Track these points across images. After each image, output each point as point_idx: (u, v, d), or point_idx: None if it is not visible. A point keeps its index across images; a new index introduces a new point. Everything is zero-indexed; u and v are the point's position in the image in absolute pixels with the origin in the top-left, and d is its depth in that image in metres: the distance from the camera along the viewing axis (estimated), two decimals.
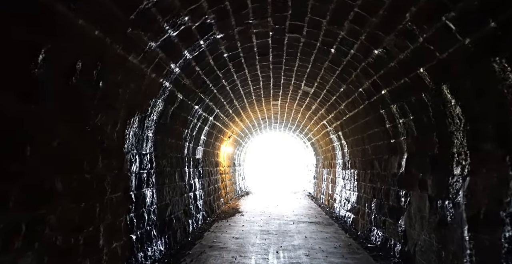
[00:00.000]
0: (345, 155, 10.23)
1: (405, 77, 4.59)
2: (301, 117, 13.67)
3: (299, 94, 10.14)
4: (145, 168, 5.15)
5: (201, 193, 9.32)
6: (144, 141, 5.10)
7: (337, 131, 10.46)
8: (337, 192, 11.47)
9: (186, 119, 7.18)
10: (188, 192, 7.90)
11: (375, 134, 6.86)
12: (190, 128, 7.71)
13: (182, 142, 7.43)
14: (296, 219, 9.75)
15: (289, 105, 12.35)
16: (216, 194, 11.63)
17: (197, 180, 8.87)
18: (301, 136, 18.74)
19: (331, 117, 10.09)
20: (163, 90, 5.26)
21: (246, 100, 10.54)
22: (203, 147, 9.66)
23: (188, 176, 7.90)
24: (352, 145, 9.14)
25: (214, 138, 11.03)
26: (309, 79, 8.27)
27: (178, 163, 7.13)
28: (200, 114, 8.04)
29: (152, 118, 5.28)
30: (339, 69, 6.55)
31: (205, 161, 10.08)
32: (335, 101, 8.54)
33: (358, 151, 8.57)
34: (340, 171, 11.12)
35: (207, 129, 9.42)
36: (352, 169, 9.31)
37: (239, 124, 14.05)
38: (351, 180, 9.38)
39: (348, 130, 9.09)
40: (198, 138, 8.83)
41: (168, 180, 6.34)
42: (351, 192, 9.26)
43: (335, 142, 11.44)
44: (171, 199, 6.48)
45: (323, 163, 15.25)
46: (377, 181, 6.93)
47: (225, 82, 7.81)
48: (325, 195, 13.90)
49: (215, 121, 9.97)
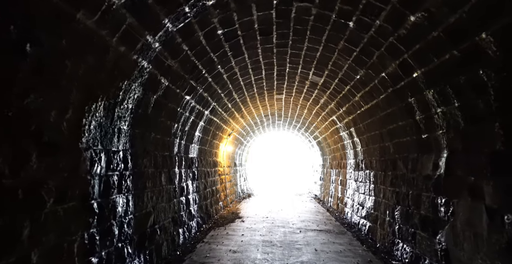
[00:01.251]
0: (358, 154, 9.11)
1: (453, 50, 3.48)
2: (307, 113, 12.56)
3: (306, 86, 9.03)
4: (116, 169, 4.07)
5: (196, 197, 8.24)
6: (114, 135, 4.02)
7: (348, 128, 9.34)
8: (348, 196, 10.35)
9: (175, 111, 6.10)
10: (179, 196, 6.82)
11: (400, 128, 5.75)
12: (181, 123, 6.63)
13: (171, 139, 6.35)
14: (303, 227, 8.65)
15: (294, 100, 11.25)
16: (214, 198, 10.55)
17: (190, 183, 7.79)
18: (306, 134, 17.64)
19: (342, 111, 8.97)
20: (139, 71, 4.17)
21: (247, 92, 9.45)
22: (198, 145, 8.58)
23: (178, 178, 6.82)
24: (368, 143, 8.03)
25: (211, 135, 9.94)
26: (318, 67, 7.17)
27: (166, 163, 6.05)
28: (193, 107, 6.96)
29: (127, 106, 4.20)
30: (357, 50, 5.44)
31: (200, 160, 9.00)
32: (348, 92, 7.43)
33: (375, 149, 7.45)
34: (352, 172, 10.01)
35: (202, 125, 8.34)
36: (367, 170, 8.19)
37: (240, 121, 12.96)
38: (366, 182, 8.26)
39: (362, 125, 7.97)
40: (192, 134, 7.75)
41: (151, 183, 5.26)
42: (366, 197, 8.15)
43: (345, 140, 10.33)
44: (155, 206, 5.40)
45: (331, 163, 14.13)
46: (401, 184, 5.81)
47: (221, 69, 6.72)
48: (333, 198, 12.78)
49: (212, 116, 8.88)
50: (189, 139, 7.60)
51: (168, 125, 6.01)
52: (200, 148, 8.92)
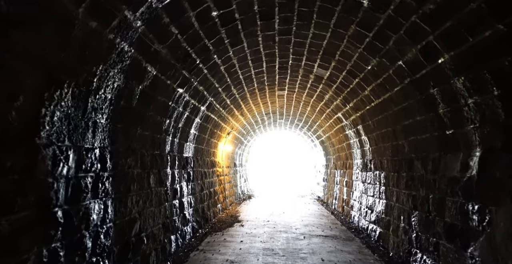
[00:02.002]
0: (366, 154, 8.48)
1: (497, 24, 2.84)
2: (311, 110, 11.93)
3: (310, 80, 8.40)
4: (89, 170, 3.44)
5: (191, 199, 7.61)
6: (88, 130, 3.40)
7: (355, 125, 8.71)
8: (354, 198, 9.71)
9: (166, 105, 5.48)
10: (171, 199, 6.19)
11: (417, 124, 5.12)
12: (173, 118, 6.01)
13: (162, 136, 5.72)
14: (307, 232, 8.01)
15: (297, 96, 10.62)
16: (212, 200, 9.92)
17: (185, 184, 7.16)
18: (309, 134, 17.01)
19: (349, 107, 8.34)
20: (119, 54, 3.55)
21: (246, 87, 8.82)
22: (194, 144, 7.96)
23: (171, 180, 6.19)
24: (377, 141, 7.39)
25: (209, 133, 9.32)
26: (325, 57, 6.54)
27: (155, 162, 5.42)
28: (188, 101, 6.34)
29: (104, 96, 3.58)
30: (370, 35, 4.81)
31: (197, 160, 8.38)
32: (357, 85, 6.80)
33: (386, 148, 6.82)
34: (359, 173, 9.37)
35: (198, 122, 7.71)
36: (377, 171, 7.55)
37: (240, 119, 12.33)
38: (376, 184, 7.63)
39: (372, 122, 7.34)
40: (187, 132, 7.13)
41: (137, 185, 4.63)
42: (376, 199, 7.51)
43: (352, 138, 9.69)
44: (142, 212, 4.77)
45: (335, 163, 13.49)
46: (419, 187, 5.18)
47: (218, 60, 6.10)
48: (338, 201, 12.14)
49: (209, 112, 8.26)
50: (183, 137, 6.98)
51: (158, 120, 5.38)
52: (196, 147, 8.30)
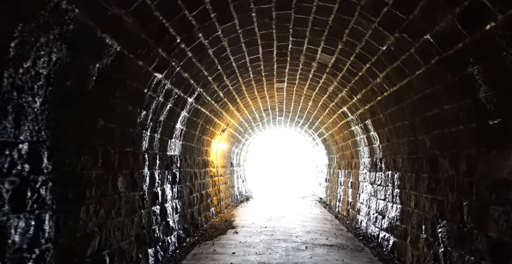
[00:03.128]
0: (376, 152, 7.53)
1: None
2: (312, 106, 10.98)
3: (312, 69, 7.46)
4: (8, 173, 2.49)
5: (177, 204, 6.66)
6: (6, 116, 2.45)
7: (363, 120, 7.76)
8: (361, 201, 8.76)
9: (140, 93, 4.54)
10: (150, 206, 5.25)
11: (445, 114, 4.17)
12: (152, 110, 5.06)
13: (137, 130, 4.78)
14: (309, 240, 7.06)
15: (297, 89, 9.67)
16: (204, 203, 8.97)
17: (169, 187, 6.22)
18: (310, 131, 16.07)
19: (356, 100, 7.39)
20: (52, 13, 2.60)
21: (241, 78, 7.87)
22: (181, 141, 7.02)
23: (149, 182, 5.24)
24: (390, 137, 6.44)
25: (200, 130, 8.38)
26: (330, 39, 5.59)
27: (127, 162, 4.48)
28: (169, 90, 5.40)
29: (35, 71, 2.63)
30: (390, 3, 3.86)
31: (185, 159, 7.43)
32: (367, 72, 5.85)
33: (402, 144, 5.87)
34: (366, 173, 8.42)
35: (185, 116, 6.77)
36: (389, 171, 6.60)
37: (235, 115, 11.39)
38: (388, 186, 6.68)
39: (383, 115, 6.39)
40: (171, 126, 6.18)
41: (96, 191, 3.68)
42: (388, 204, 6.56)
43: (358, 135, 8.74)
44: (104, 224, 3.82)
45: (339, 163, 12.55)
46: (447, 191, 4.23)
47: (205, 40, 5.15)
48: (342, 203, 11.19)
49: (199, 105, 7.32)
50: (166, 133, 6.03)
51: (130, 111, 4.44)
52: (185, 144, 7.35)
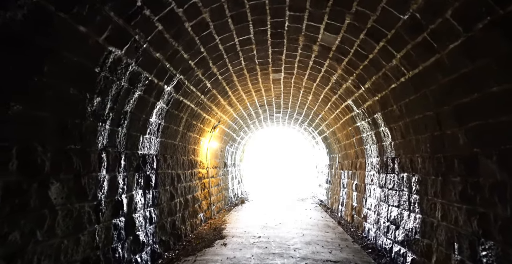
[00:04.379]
0: (387, 150, 6.48)
1: None
2: (313, 100, 9.93)
3: (313, 54, 6.41)
4: None
5: (152, 213, 5.61)
6: None
7: (371, 114, 6.71)
8: (368, 206, 7.72)
9: (88, 72, 3.48)
10: (109, 218, 4.18)
11: (490, 100, 3.12)
12: (111, 96, 4.00)
13: (88, 121, 3.71)
14: (310, 255, 6.00)
15: (296, 81, 8.62)
16: (189, 209, 7.91)
17: (140, 193, 5.16)
18: (310, 129, 15.03)
19: (363, 90, 6.34)
20: None
21: (231, 65, 6.81)
22: (158, 138, 5.96)
23: (108, 188, 4.18)
24: (405, 133, 5.39)
25: (185, 125, 7.32)
26: (336, 11, 4.54)
27: (68, 163, 3.41)
28: (137, 74, 4.34)
29: None
30: None
31: (164, 160, 6.36)
32: (380, 53, 4.80)
33: (422, 141, 4.82)
34: (375, 174, 7.38)
35: (163, 108, 5.71)
36: (404, 173, 5.55)
37: (228, 111, 10.33)
38: (403, 190, 5.62)
39: (398, 106, 5.34)
40: (143, 120, 5.13)
41: (7, 207, 2.62)
42: (404, 212, 5.51)
43: (365, 131, 7.69)
44: (20, 252, 2.75)
45: (341, 163, 11.50)
46: (495, 201, 3.17)
47: (178, 8, 4.08)
48: (346, 207, 10.14)
49: (181, 96, 6.26)
50: (136, 127, 4.97)
51: (74, 95, 3.37)
52: (164, 142, 6.30)
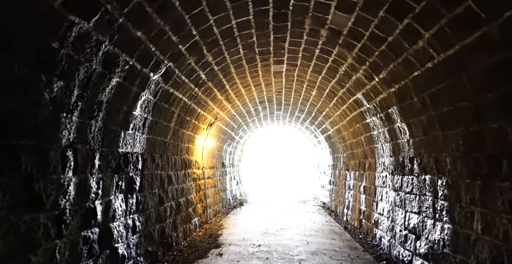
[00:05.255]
0: (403, 149, 5.74)
1: None
2: (317, 95, 9.20)
3: (321, 40, 5.67)
4: None
5: (135, 220, 4.86)
6: None
7: (385, 108, 5.98)
8: (380, 211, 6.98)
9: (40, 45, 2.73)
10: (77, 230, 3.44)
11: None
12: (78, 81, 3.25)
13: (45, 111, 2.96)
14: None
15: (299, 74, 7.88)
16: (182, 214, 7.16)
17: (120, 198, 4.41)
18: (312, 128, 14.30)
19: (377, 80, 5.61)
20: None
21: (228, 52, 6.07)
22: (145, 134, 5.21)
23: (76, 194, 3.43)
24: (429, 128, 4.65)
25: (177, 121, 6.58)
26: None
27: (13, 164, 2.66)
28: (113, 56, 3.60)
29: None
30: None
31: (152, 159, 5.62)
32: (403, 33, 4.07)
33: (452, 137, 4.07)
34: (387, 176, 6.64)
35: (150, 99, 4.97)
36: (427, 175, 4.81)
37: (226, 107, 9.58)
38: (425, 195, 4.88)
39: (420, 98, 4.59)
40: (124, 112, 4.38)
41: None
42: (427, 220, 4.76)
43: (376, 128, 6.96)
44: None
45: (346, 163, 10.76)
46: None
47: None
48: (352, 211, 9.40)
49: (171, 87, 5.52)
50: (116, 121, 4.22)
51: (18, 76, 2.63)
52: (152, 139, 5.55)
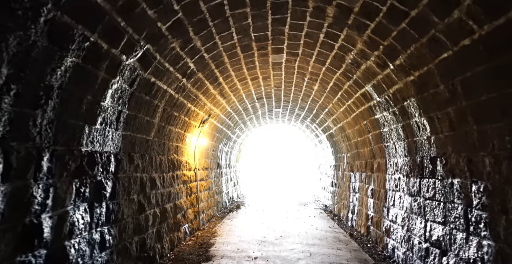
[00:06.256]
0: (422, 148, 4.95)
1: None
2: (319, 90, 8.41)
3: (326, 21, 4.88)
4: None
5: (103, 235, 4.05)
6: None
7: (399, 101, 5.20)
8: (391, 218, 6.18)
9: None
10: (6, 257, 2.63)
11: None
12: (6, 54, 2.45)
13: None
14: None
15: (301, 65, 7.09)
16: (169, 222, 6.35)
17: (83, 208, 3.60)
18: (312, 126, 13.52)
19: (392, 68, 4.82)
20: None
21: (219, 37, 5.27)
22: (120, 130, 4.41)
23: (7, 208, 2.62)
24: (459, 122, 3.85)
25: (162, 117, 5.77)
26: None
27: None
28: (64, 28, 2.80)
29: None
30: None
31: (129, 160, 4.81)
32: (432, 3, 3.27)
33: (493, 133, 3.28)
34: (401, 178, 5.85)
35: (125, 89, 4.17)
36: (456, 178, 4.01)
37: (220, 102, 8.78)
38: (453, 202, 4.09)
39: (449, 86, 3.80)
40: (90, 102, 3.57)
41: None
42: (457, 233, 3.96)
43: (387, 125, 6.17)
44: None
45: (351, 163, 9.97)
46: None
47: None
48: (358, 216, 8.60)
49: (152, 76, 4.72)
50: (76, 112, 3.42)
51: None
52: (129, 136, 4.75)
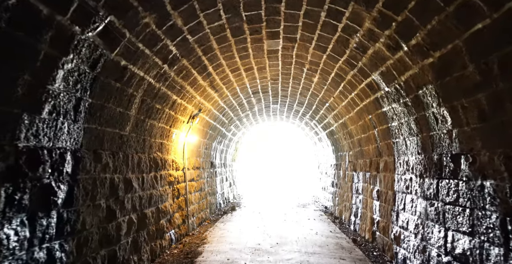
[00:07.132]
0: (440, 144, 4.22)
1: None
2: (319, 82, 7.68)
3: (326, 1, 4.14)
4: None
5: (52, 252, 3.32)
6: None
7: (413, 90, 4.46)
8: (401, 224, 5.45)
9: None
10: None
11: None
12: None
13: None
14: None
15: (299, 52, 6.36)
16: (150, 229, 5.60)
17: (16, 222, 2.86)
18: (312, 123, 12.80)
19: (406, 50, 4.08)
20: None
21: (204, 15, 4.51)
22: (81, 122, 3.66)
23: None
24: (492, 112, 3.12)
25: (140, 109, 5.03)
26: None
27: None
28: None
29: None
30: None
31: (96, 158, 4.06)
32: None
33: None
34: (413, 179, 5.13)
35: (83, 71, 3.42)
36: (488, 180, 3.28)
37: (212, 96, 8.04)
38: (484, 209, 3.35)
39: (482, 65, 3.06)
40: (28, 85, 2.82)
41: None
42: (491, 247, 3.23)
43: (397, 118, 5.44)
44: None
45: (354, 162, 9.24)
46: None
47: None
48: (362, 220, 7.87)
49: (123, 59, 3.98)
50: (9, 97, 2.68)
51: None
52: (95, 130, 4.00)
